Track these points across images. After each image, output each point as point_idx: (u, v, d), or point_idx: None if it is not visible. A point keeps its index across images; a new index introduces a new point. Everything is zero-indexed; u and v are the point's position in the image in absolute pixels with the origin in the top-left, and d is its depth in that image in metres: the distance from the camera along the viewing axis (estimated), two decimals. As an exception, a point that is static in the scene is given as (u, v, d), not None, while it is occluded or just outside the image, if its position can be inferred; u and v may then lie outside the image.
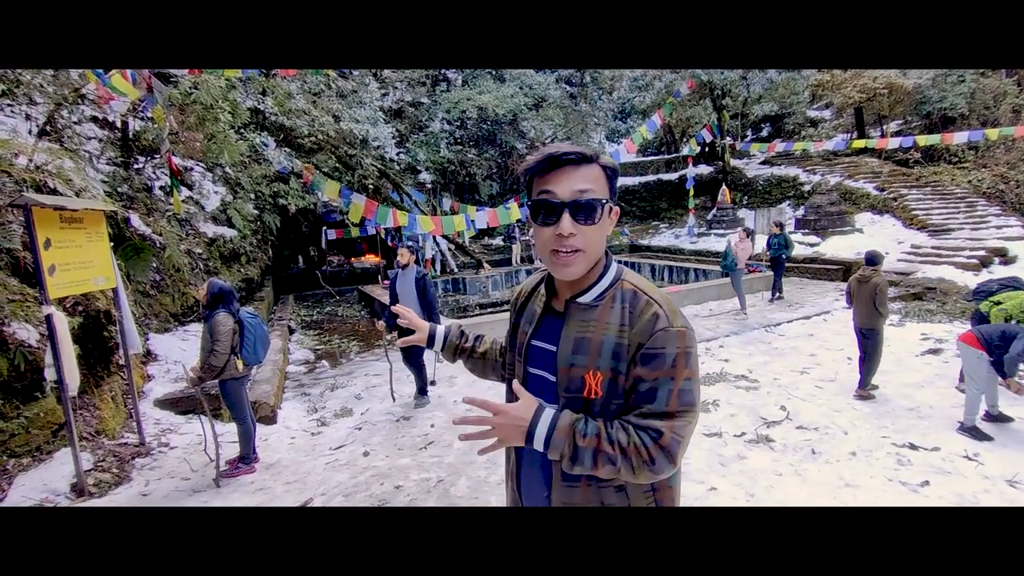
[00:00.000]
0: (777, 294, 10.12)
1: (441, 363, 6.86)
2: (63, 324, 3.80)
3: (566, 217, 1.15)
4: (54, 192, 5.13)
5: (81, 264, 4.10)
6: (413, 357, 5.62)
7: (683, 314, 1.20)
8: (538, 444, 1.15)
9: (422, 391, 5.77)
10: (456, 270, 15.97)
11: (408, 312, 1.64)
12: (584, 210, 1.15)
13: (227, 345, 3.98)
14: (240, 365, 4.14)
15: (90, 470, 4.10)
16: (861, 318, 5.30)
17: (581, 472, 1.16)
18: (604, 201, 1.17)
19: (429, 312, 5.45)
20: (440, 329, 1.64)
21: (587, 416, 1.17)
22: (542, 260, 1.25)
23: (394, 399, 5.83)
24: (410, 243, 5.65)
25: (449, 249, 16.22)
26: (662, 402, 1.12)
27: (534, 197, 1.20)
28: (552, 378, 1.25)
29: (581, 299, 1.24)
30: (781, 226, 10.03)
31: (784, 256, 9.91)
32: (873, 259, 5.31)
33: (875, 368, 5.28)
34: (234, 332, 4.07)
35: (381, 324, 5.72)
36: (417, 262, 5.65)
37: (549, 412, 1.17)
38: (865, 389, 5.26)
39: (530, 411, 1.16)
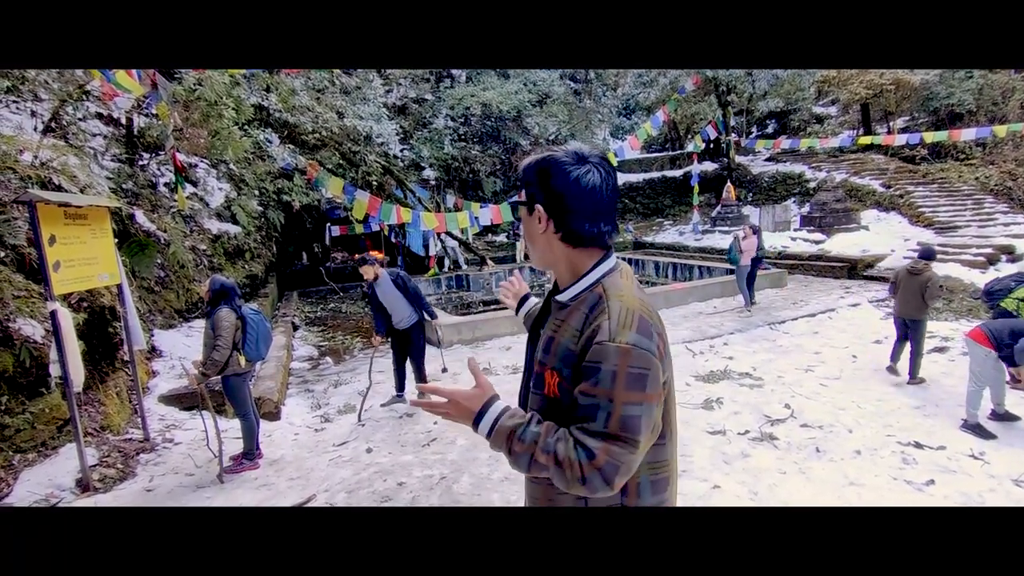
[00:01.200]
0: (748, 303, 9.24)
1: (444, 348, 6.85)
2: (68, 320, 3.82)
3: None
4: (59, 189, 5.15)
5: (85, 260, 4.12)
6: (414, 356, 5.52)
7: (645, 331, 1.10)
8: (481, 435, 1.17)
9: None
10: (464, 266, 16.01)
11: (516, 279, 1.82)
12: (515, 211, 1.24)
13: (229, 341, 3.99)
14: (243, 361, 4.15)
15: (95, 465, 4.13)
16: (906, 308, 5.40)
17: (519, 471, 1.17)
18: (515, 202, 1.28)
19: (419, 304, 5.38)
20: (531, 301, 1.77)
21: (537, 418, 1.16)
22: None
23: (360, 419, 5.37)
24: (370, 258, 5.44)
25: (453, 248, 16.24)
26: (600, 422, 1.06)
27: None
28: None
29: (559, 297, 1.26)
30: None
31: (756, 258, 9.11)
32: (929, 254, 5.39)
33: (922, 354, 5.48)
34: (236, 328, 4.08)
35: (378, 339, 5.54)
36: (393, 264, 5.56)
37: (496, 408, 1.18)
38: (915, 378, 5.46)
39: (479, 402, 1.18)
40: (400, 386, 5.74)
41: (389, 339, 5.63)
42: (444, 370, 6.39)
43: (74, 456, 3.89)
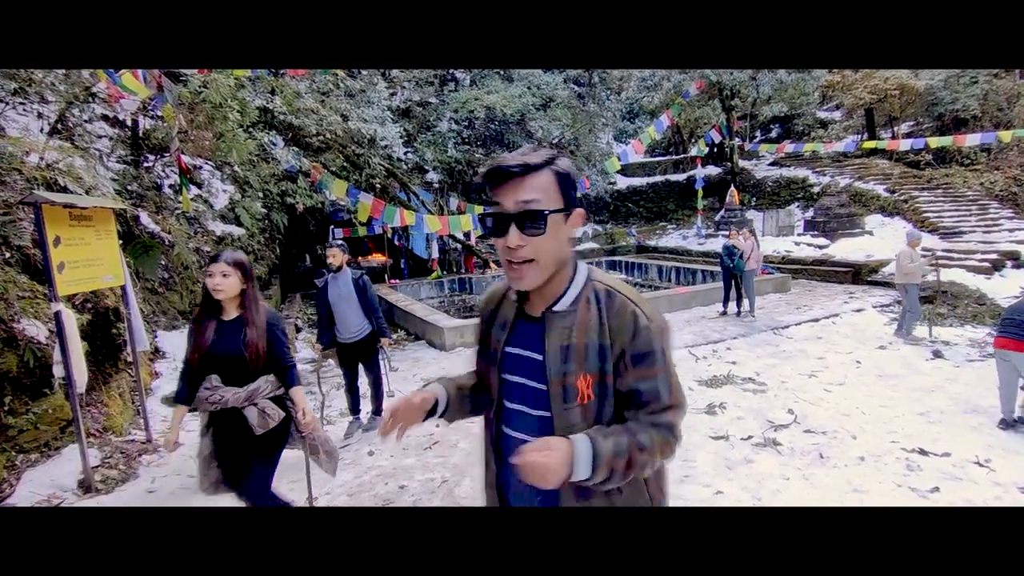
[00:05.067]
0: (740, 308, 9.12)
1: (395, 371, 6.56)
2: (72, 321, 3.82)
3: (513, 229, 1.14)
4: (64, 190, 5.17)
5: (90, 261, 4.13)
6: (372, 372, 5.08)
7: (658, 309, 1.23)
8: (580, 477, 1.10)
9: (377, 411, 5.22)
10: (466, 269, 16.05)
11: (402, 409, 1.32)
12: (530, 221, 1.13)
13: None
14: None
15: (97, 466, 4.13)
16: None
17: (613, 485, 1.15)
18: (551, 211, 1.14)
19: (373, 317, 4.84)
20: (440, 393, 1.39)
21: (606, 431, 1.16)
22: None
23: (346, 436, 5.04)
24: (339, 242, 4.86)
25: (455, 248, 16.27)
26: (666, 397, 1.18)
27: (486, 209, 1.21)
28: (539, 386, 1.24)
29: (557, 307, 1.23)
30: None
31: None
32: None
33: None
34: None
35: (319, 347, 5.08)
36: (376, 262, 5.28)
37: (583, 443, 1.11)
38: None
39: (564, 447, 1.10)
40: (354, 408, 5.23)
41: (335, 350, 5.06)
42: (391, 395, 5.72)
43: (76, 457, 3.89)
